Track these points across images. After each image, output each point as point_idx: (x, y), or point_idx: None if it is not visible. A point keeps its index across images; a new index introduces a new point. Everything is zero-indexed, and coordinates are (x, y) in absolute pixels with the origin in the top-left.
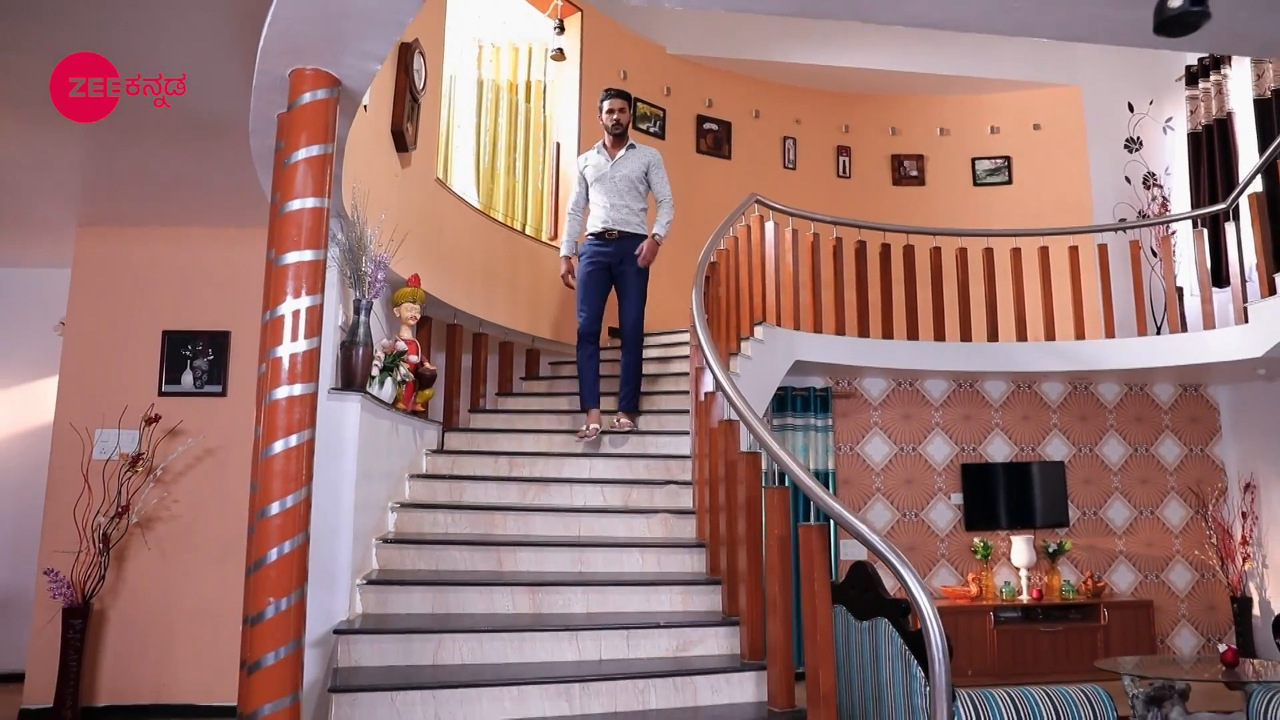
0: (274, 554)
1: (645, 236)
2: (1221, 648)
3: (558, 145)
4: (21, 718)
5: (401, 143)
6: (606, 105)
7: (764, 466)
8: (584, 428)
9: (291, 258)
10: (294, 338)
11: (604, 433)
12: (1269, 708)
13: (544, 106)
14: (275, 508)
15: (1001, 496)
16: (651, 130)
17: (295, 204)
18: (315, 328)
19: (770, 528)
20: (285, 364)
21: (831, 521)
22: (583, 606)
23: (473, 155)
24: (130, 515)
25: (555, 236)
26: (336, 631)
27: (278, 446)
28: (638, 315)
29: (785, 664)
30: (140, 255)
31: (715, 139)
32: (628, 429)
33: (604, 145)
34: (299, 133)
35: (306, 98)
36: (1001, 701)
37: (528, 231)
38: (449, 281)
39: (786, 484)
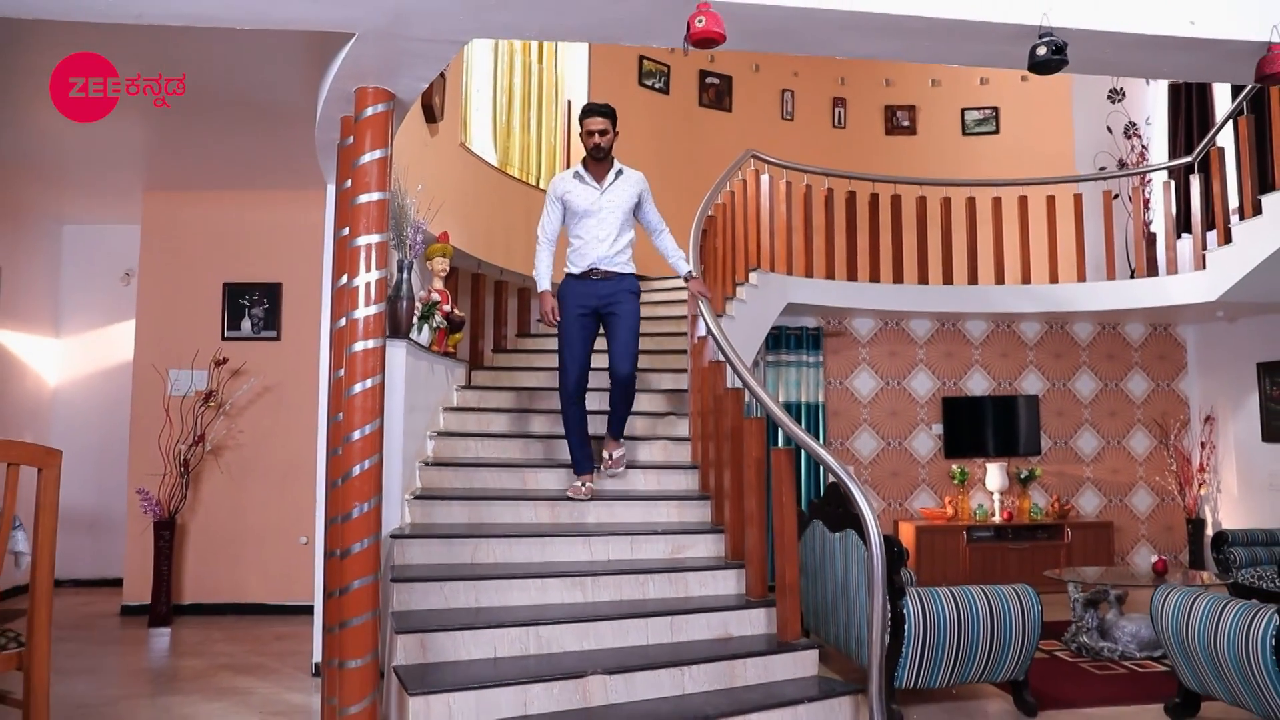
0: (357, 469)
1: (632, 274)
2: (1153, 558)
3: (569, 103)
4: (123, 612)
5: (431, 115)
6: (587, 124)
7: (747, 400)
8: (578, 485)
9: (362, 240)
10: (367, 303)
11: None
12: (1164, 601)
13: (555, 66)
14: (357, 434)
15: (979, 427)
16: (656, 86)
17: (364, 197)
18: (381, 294)
19: (749, 452)
20: (361, 324)
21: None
22: (594, 517)
23: (489, 115)
24: (205, 444)
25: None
26: (392, 536)
27: (357, 388)
28: (632, 360)
29: (760, 563)
30: (200, 215)
31: (717, 93)
32: (623, 465)
33: (584, 169)
34: (364, 138)
35: (369, 111)
36: (944, 598)
37: (541, 186)
38: (473, 235)
39: (764, 415)
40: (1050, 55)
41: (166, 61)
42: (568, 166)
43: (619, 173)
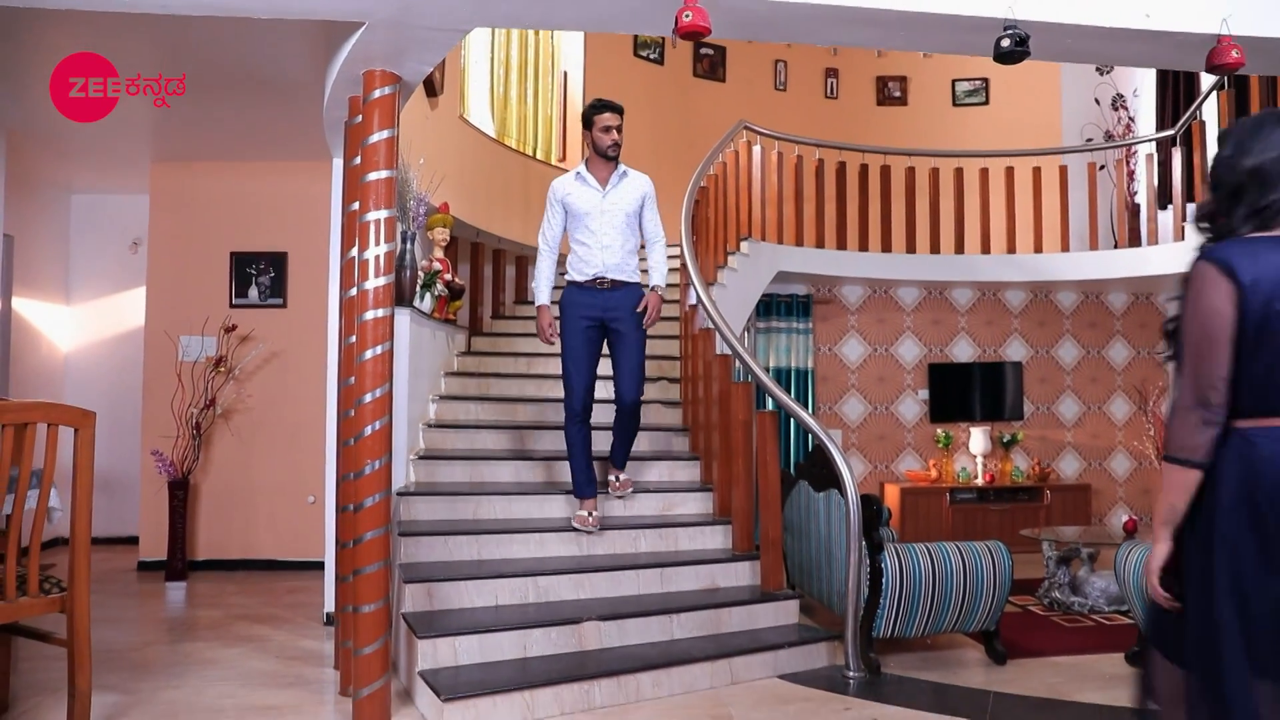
0: (369, 429)
1: (639, 284)
2: (1123, 518)
3: (565, 74)
4: (140, 568)
5: (431, 89)
6: (603, 119)
7: (736, 365)
8: (583, 514)
9: (372, 216)
10: (377, 275)
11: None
12: (1126, 557)
13: (552, 37)
14: (368, 397)
15: (964, 393)
16: (651, 57)
17: (372, 175)
18: (390, 266)
19: (736, 415)
20: (371, 294)
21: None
22: None
23: (487, 86)
24: (215, 408)
25: (564, 159)
26: (398, 493)
27: (368, 354)
28: (638, 384)
29: (745, 520)
30: (207, 186)
31: (711, 63)
32: (631, 488)
33: (586, 170)
34: (371, 118)
35: (377, 93)
36: (920, 553)
37: (538, 156)
38: (472, 205)
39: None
40: (1014, 47)
41: (175, 38)
42: (564, 136)
43: (623, 174)
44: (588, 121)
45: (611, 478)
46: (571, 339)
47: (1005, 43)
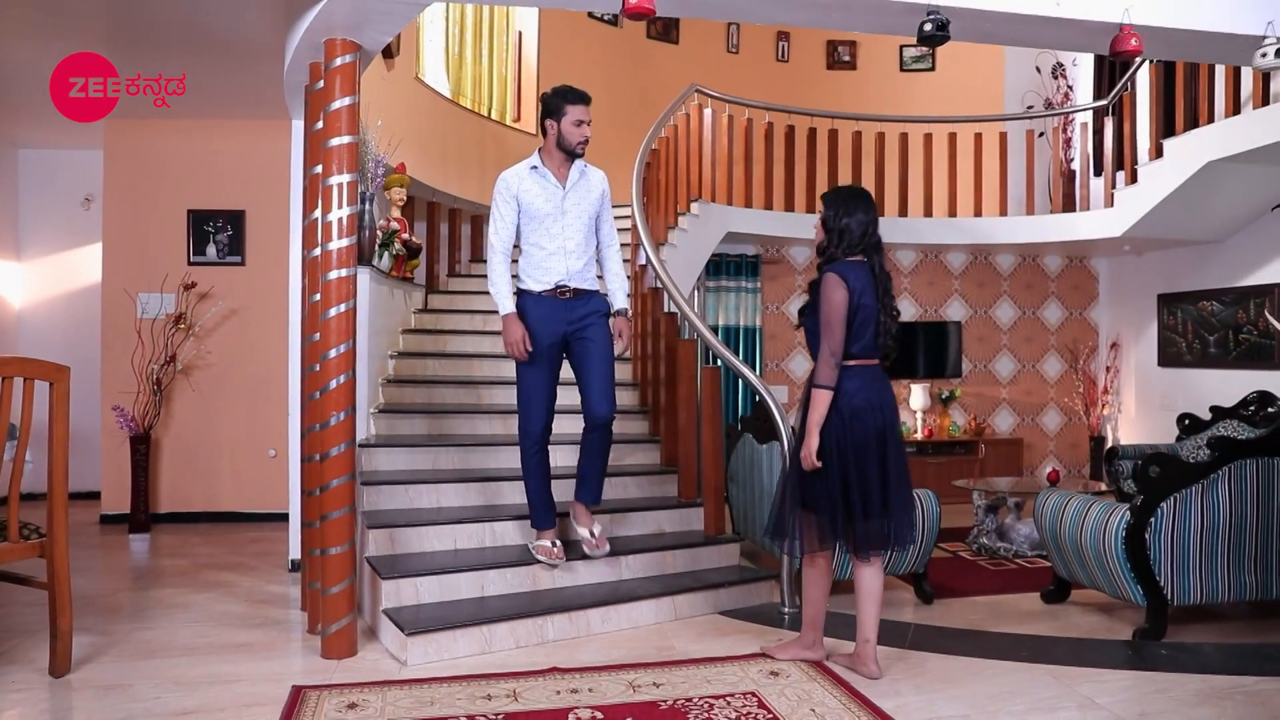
0: (334, 383)
1: (599, 291)
2: (1047, 469)
3: (519, 34)
4: (103, 521)
5: (387, 51)
6: (576, 112)
7: (683, 323)
8: (545, 544)
9: (334, 180)
10: (340, 236)
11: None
12: (1045, 503)
13: None
14: (333, 352)
15: (906, 351)
16: (605, 18)
17: (335, 141)
18: (353, 228)
19: (682, 371)
20: (334, 255)
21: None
22: None
23: (442, 46)
24: (176, 364)
25: (519, 119)
26: (360, 445)
27: (333, 311)
28: (611, 398)
29: (690, 469)
30: (164, 143)
31: (664, 25)
32: (607, 545)
33: (542, 164)
34: (333, 85)
35: (338, 61)
36: None
37: (493, 116)
38: (428, 165)
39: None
40: (935, 31)
41: None
42: (518, 97)
43: (584, 170)
44: (555, 111)
45: (585, 532)
46: (533, 361)
47: (927, 27)
